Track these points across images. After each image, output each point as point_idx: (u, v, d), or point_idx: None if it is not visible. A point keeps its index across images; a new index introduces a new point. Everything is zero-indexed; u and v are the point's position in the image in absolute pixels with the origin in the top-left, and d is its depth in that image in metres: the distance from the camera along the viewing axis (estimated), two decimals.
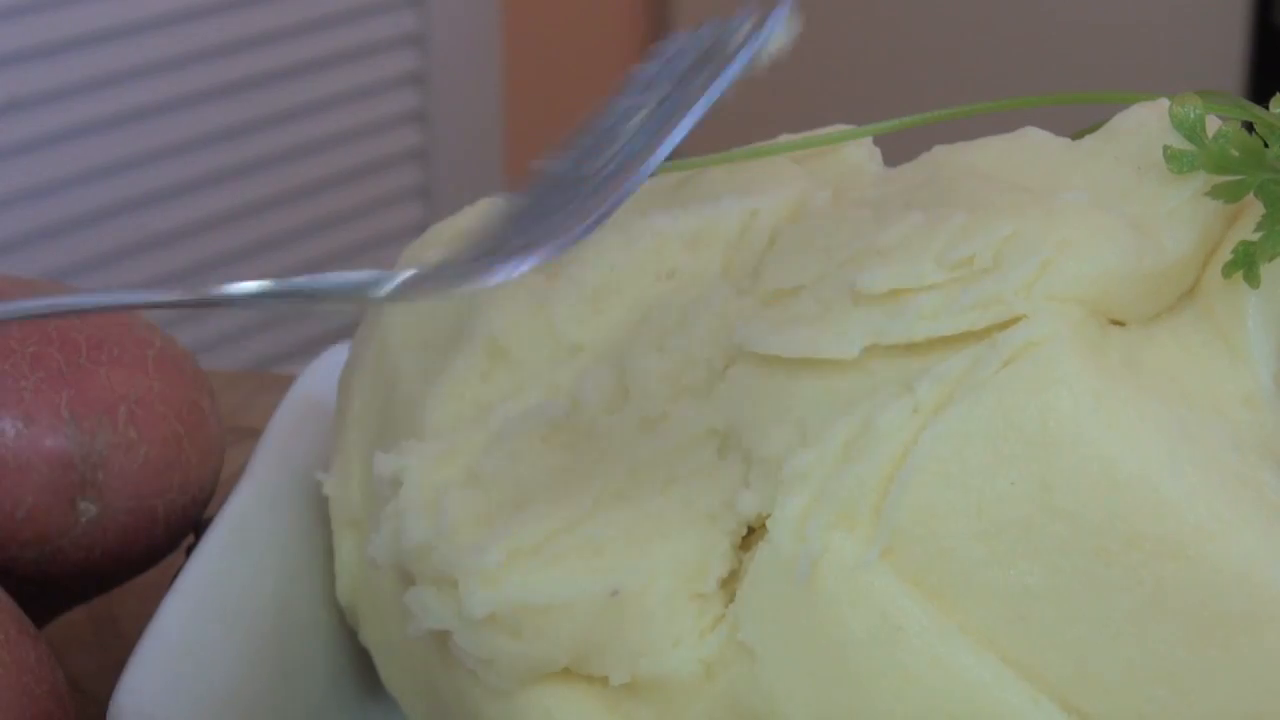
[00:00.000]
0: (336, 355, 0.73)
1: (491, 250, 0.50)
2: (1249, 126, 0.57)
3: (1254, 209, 0.56)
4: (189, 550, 0.66)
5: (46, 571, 0.67)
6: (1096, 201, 0.56)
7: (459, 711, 0.59)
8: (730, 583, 0.56)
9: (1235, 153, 0.55)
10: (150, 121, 1.94)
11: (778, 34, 0.54)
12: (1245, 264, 0.55)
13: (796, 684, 0.54)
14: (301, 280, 0.50)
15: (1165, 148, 0.56)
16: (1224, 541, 0.52)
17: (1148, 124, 0.58)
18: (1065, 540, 0.52)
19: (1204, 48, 2.06)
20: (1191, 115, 0.56)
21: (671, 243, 0.60)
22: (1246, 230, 0.56)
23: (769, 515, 0.54)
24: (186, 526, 0.70)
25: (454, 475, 0.58)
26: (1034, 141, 0.60)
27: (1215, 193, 0.56)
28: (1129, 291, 0.55)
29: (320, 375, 0.74)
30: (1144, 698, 0.52)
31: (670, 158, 0.53)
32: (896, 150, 0.64)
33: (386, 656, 0.63)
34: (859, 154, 0.64)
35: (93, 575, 0.68)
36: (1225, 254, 0.56)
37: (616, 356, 0.59)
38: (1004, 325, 0.54)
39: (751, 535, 0.56)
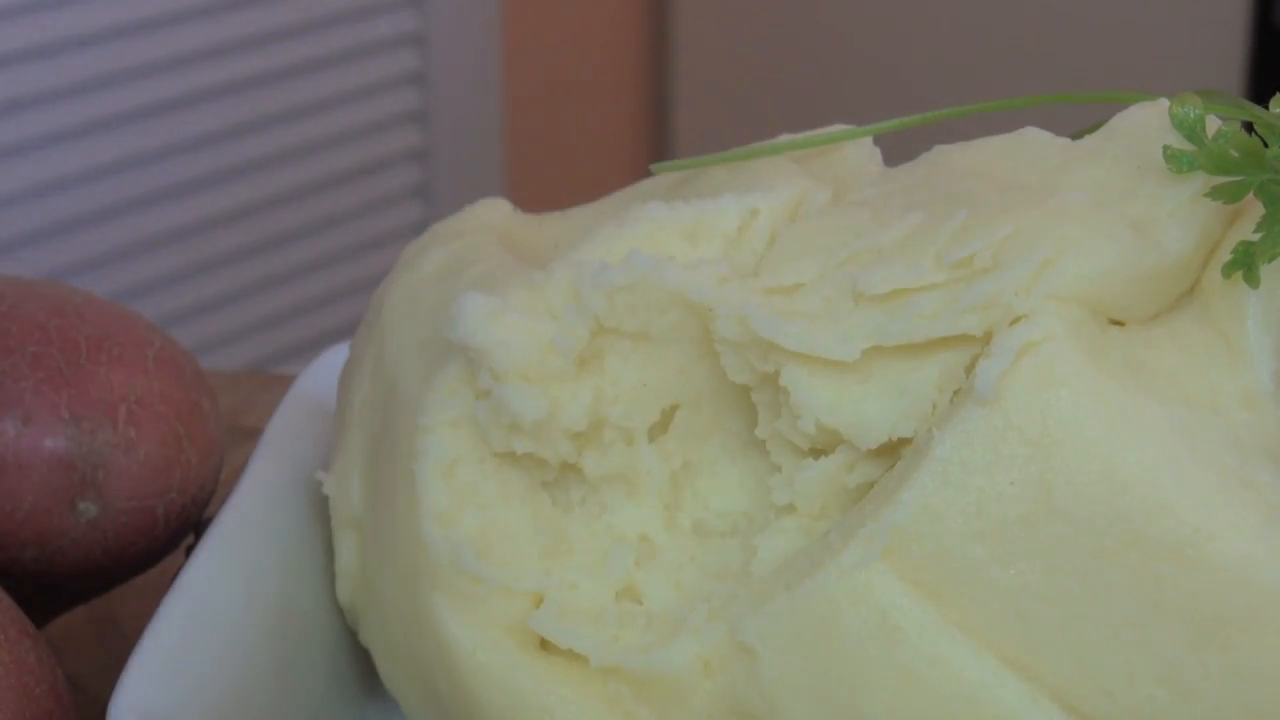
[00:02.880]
0: (336, 355, 0.73)
1: None
2: (1249, 126, 0.57)
3: (1254, 209, 0.56)
4: (189, 550, 0.66)
5: (46, 571, 0.67)
6: (1096, 201, 0.56)
7: (458, 711, 0.59)
8: None
9: (1235, 153, 0.55)
10: (150, 121, 1.94)
11: None
12: (1245, 264, 0.55)
13: (796, 683, 0.54)
14: None
15: (1165, 148, 0.56)
16: (1224, 542, 0.52)
17: (1147, 124, 0.58)
18: (1065, 540, 0.52)
19: (1204, 48, 2.06)
20: (1191, 115, 0.56)
21: (668, 230, 0.60)
22: (1246, 230, 0.56)
23: None
24: (186, 526, 0.70)
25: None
26: (1034, 141, 0.60)
27: (1215, 193, 0.55)
28: (1129, 291, 0.55)
29: (320, 375, 0.74)
30: (1144, 698, 0.52)
31: (669, 158, 0.52)
32: (896, 150, 0.64)
33: (386, 656, 0.63)
34: (859, 154, 0.64)
35: (93, 575, 0.68)
36: (1225, 254, 0.56)
37: None
38: (1004, 325, 0.54)
39: None
